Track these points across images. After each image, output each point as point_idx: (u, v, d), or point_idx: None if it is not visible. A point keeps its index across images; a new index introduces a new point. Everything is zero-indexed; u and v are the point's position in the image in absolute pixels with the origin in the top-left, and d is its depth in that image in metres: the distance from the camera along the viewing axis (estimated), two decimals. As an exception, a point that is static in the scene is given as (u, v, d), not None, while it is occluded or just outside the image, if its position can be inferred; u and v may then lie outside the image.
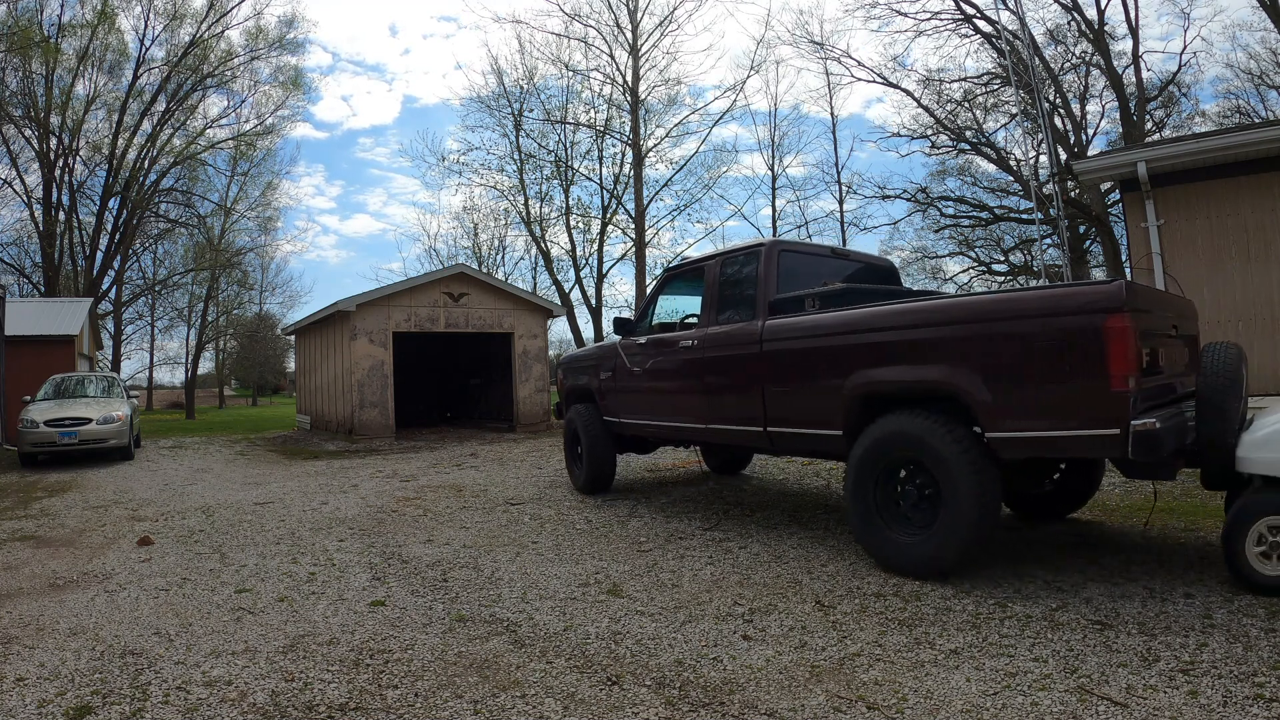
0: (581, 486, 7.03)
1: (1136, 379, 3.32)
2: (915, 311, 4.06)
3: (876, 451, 4.12)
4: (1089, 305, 3.41)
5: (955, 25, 22.78)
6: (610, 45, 26.40)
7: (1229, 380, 3.65)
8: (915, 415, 3.95)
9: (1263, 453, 3.47)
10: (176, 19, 26.76)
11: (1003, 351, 3.66)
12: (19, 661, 3.16)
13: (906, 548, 4.02)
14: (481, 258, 30.85)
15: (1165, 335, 3.86)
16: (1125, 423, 3.28)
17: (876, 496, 4.16)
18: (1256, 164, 7.02)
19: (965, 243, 26.54)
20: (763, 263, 5.12)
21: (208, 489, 8.15)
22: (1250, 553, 3.46)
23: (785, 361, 4.76)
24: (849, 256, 6.00)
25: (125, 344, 34.41)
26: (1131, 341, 3.30)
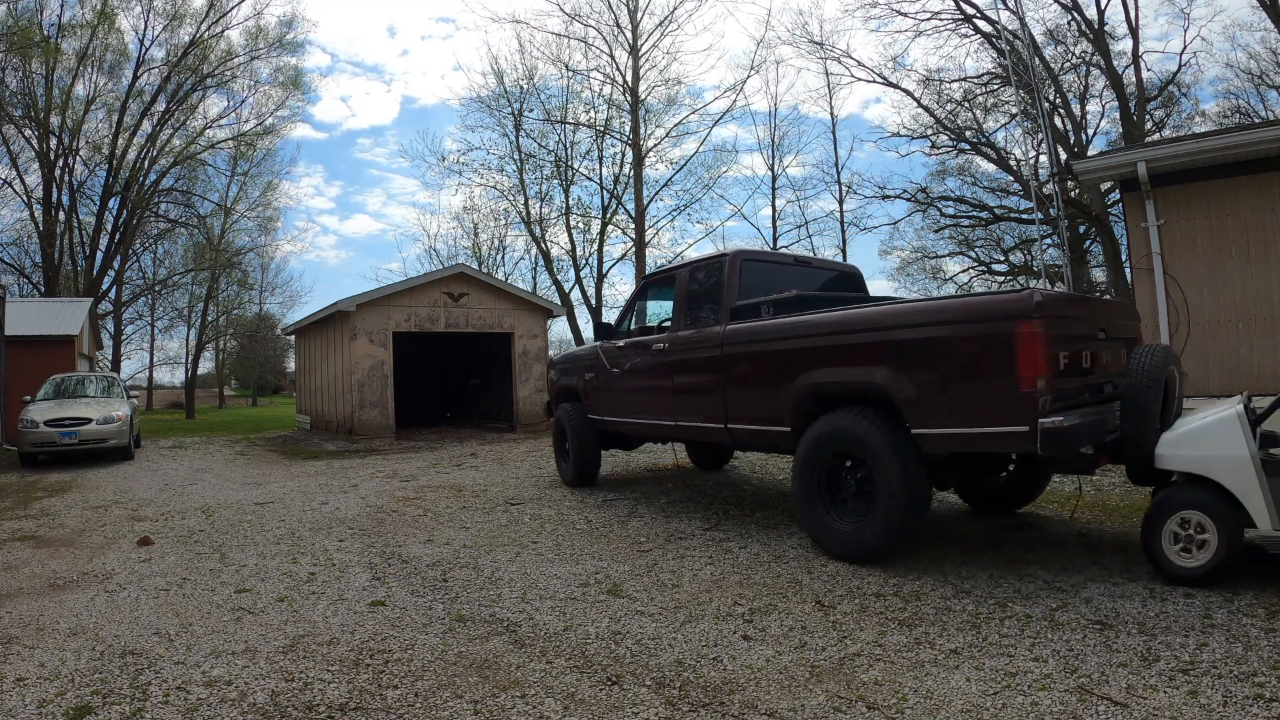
0: (569, 480, 7.46)
1: (1046, 380, 3.56)
2: (851, 318, 4.41)
3: (819, 447, 4.46)
4: (1001, 312, 3.69)
5: (955, 25, 22.77)
6: (610, 45, 26.41)
7: (1152, 381, 3.86)
8: (852, 414, 4.30)
9: (1178, 450, 3.71)
10: (176, 19, 26.76)
11: (927, 355, 3.96)
12: (19, 661, 3.16)
13: (845, 535, 4.36)
14: (481, 258, 30.84)
15: (1092, 339, 4.10)
16: (1034, 421, 3.52)
17: (819, 488, 4.52)
18: (1256, 164, 7.01)
19: (965, 243, 26.54)
20: (726, 271, 5.49)
21: (208, 489, 8.15)
22: (1166, 545, 3.68)
23: (742, 363, 5.13)
24: (812, 264, 6.38)
25: (125, 344, 34.43)
26: (1041, 346, 3.54)
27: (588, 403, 7.12)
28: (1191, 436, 3.71)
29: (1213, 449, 3.62)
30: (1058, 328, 3.68)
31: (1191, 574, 3.61)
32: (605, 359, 6.72)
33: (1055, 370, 3.64)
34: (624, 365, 6.44)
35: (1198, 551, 3.61)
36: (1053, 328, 3.62)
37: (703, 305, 5.69)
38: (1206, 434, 3.66)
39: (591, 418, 7.08)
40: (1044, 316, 3.56)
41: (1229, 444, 3.56)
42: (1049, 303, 3.64)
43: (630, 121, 26.18)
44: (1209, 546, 3.57)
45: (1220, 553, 3.54)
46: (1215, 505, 3.56)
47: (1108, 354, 4.26)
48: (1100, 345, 4.20)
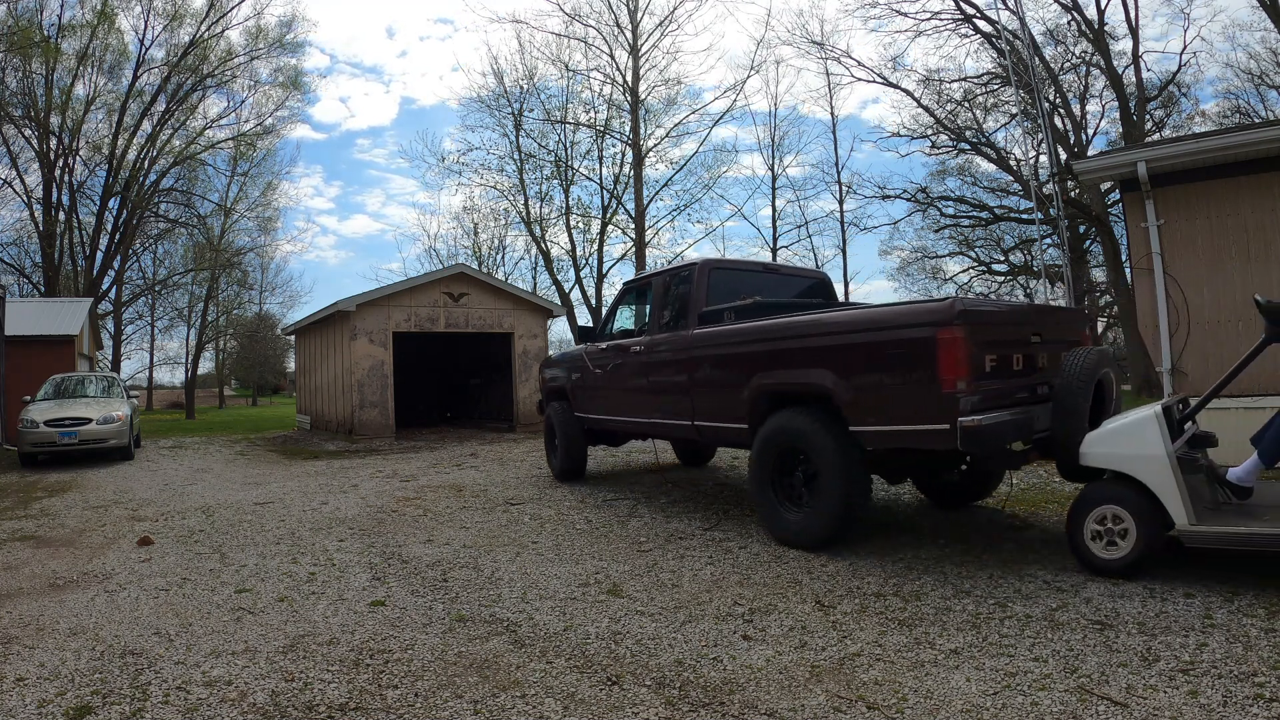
0: (557, 475, 7.90)
1: (967, 382, 3.80)
2: (796, 324, 4.74)
3: (770, 443, 4.82)
4: (925, 320, 3.96)
5: (955, 25, 22.79)
6: (610, 45, 26.43)
7: (1082, 383, 4.07)
8: (798, 412, 4.65)
9: (1100, 448, 3.87)
10: (176, 19, 26.76)
11: (862, 359, 4.26)
12: (19, 661, 3.16)
13: (793, 524, 4.71)
14: (481, 258, 30.84)
15: (1024, 343, 4.34)
16: (954, 419, 3.77)
17: (771, 481, 4.87)
18: (1256, 164, 7.00)
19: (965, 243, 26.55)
20: (695, 279, 5.85)
21: (208, 489, 8.15)
22: (1088, 538, 3.87)
23: (706, 365, 5.49)
24: (780, 271, 6.79)
25: (125, 344, 34.41)
26: (960, 351, 3.80)
27: (574, 401, 7.48)
28: (1113, 435, 3.87)
29: (1132, 447, 3.77)
30: (980, 334, 3.93)
31: (1112, 566, 3.78)
32: (588, 360, 7.08)
33: (978, 373, 3.88)
34: (606, 366, 6.78)
35: (1119, 543, 3.78)
36: (974, 334, 3.86)
37: (675, 310, 6.03)
38: (1126, 433, 3.81)
39: (578, 415, 7.46)
40: (964, 324, 3.81)
41: (1147, 442, 3.71)
42: (969, 311, 3.89)
43: (630, 121, 26.21)
44: (1129, 540, 3.74)
45: (1139, 546, 3.70)
46: (1133, 501, 3.72)
47: (1046, 357, 4.47)
48: (1036, 349, 4.42)
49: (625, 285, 7.36)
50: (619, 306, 7.17)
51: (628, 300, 7.13)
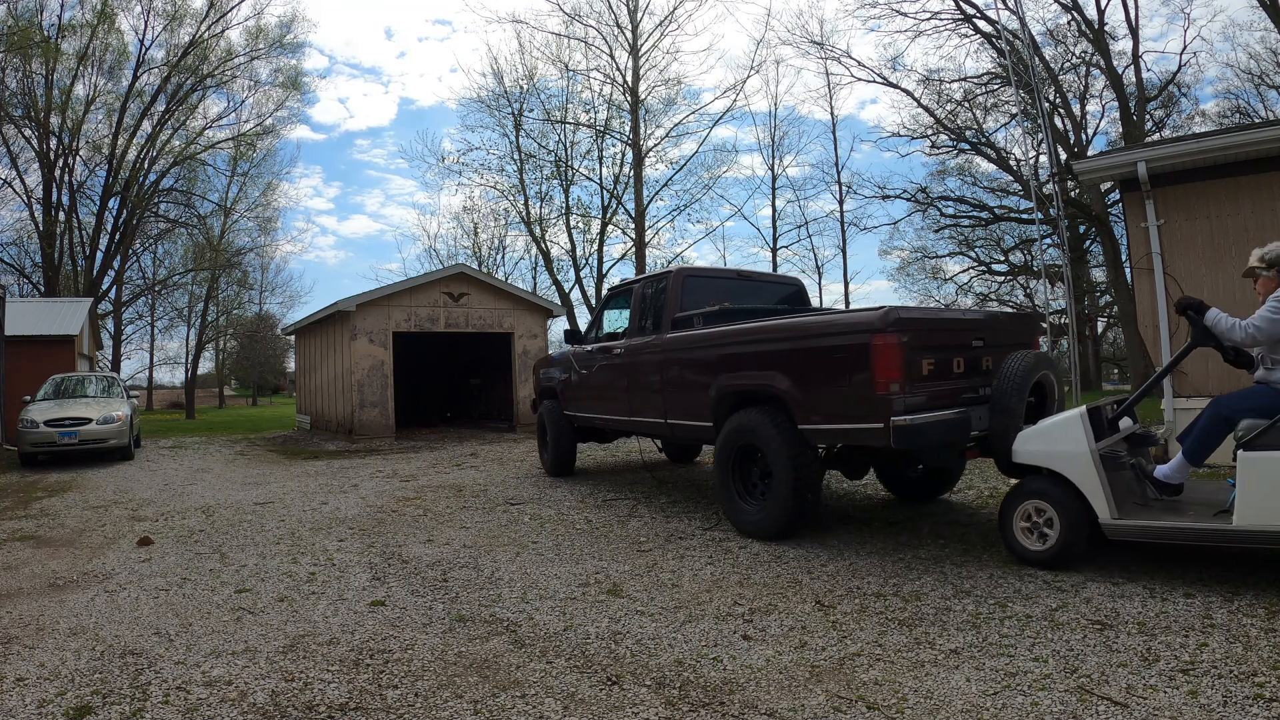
0: (548, 470, 8.30)
1: (900, 384, 4.09)
2: (752, 330, 5.10)
3: (730, 440, 5.14)
4: (861, 327, 4.25)
5: (955, 25, 22.80)
6: (610, 45, 26.42)
7: (1018, 383, 4.32)
8: (755, 412, 4.95)
9: (1029, 445, 4.10)
10: (176, 19, 26.76)
11: (808, 362, 4.58)
12: (19, 661, 3.16)
13: (751, 515, 5.04)
14: (481, 258, 30.85)
15: (964, 348, 4.59)
16: (887, 418, 4.06)
17: (732, 475, 5.21)
18: (1256, 164, 7.00)
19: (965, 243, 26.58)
20: (669, 286, 6.22)
21: (208, 489, 8.15)
22: (1017, 530, 4.12)
23: (677, 367, 5.85)
24: (753, 278, 7.03)
25: (125, 344, 34.40)
26: (893, 355, 4.09)
27: (563, 400, 7.88)
28: (1041, 433, 4.07)
29: (1058, 445, 3.97)
30: (915, 339, 4.20)
31: (1039, 557, 4.01)
32: (575, 362, 7.48)
33: (912, 375, 4.17)
34: (591, 367, 7.16)
35: (1048, 535, 4.00)
36: (908, 339, 4.15)
37: (652, 316, 6.37)
38: (1053, 431, 4.01)
39: (567, 414, 7.85)
40: (897, 330, 4.10)
41: (1072, 440, 3.90)
42: (902, 319, 4.17)
43: (630, 121, 26.20)
44: (1055, 532, 3.96)
45: (1064, 538, 3.92)
46: (1059, 495, 3.93)
47: (990, 360, 4.70)
48: (980, 352, 4.67)
49: (609, 291, 7.74)
50: (604, 311, 7.57)
51: (611, 305, 7.48)
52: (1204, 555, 4.05)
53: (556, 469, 8.10)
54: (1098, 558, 4.16)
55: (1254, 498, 3.40)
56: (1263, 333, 3.80)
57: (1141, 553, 4.20)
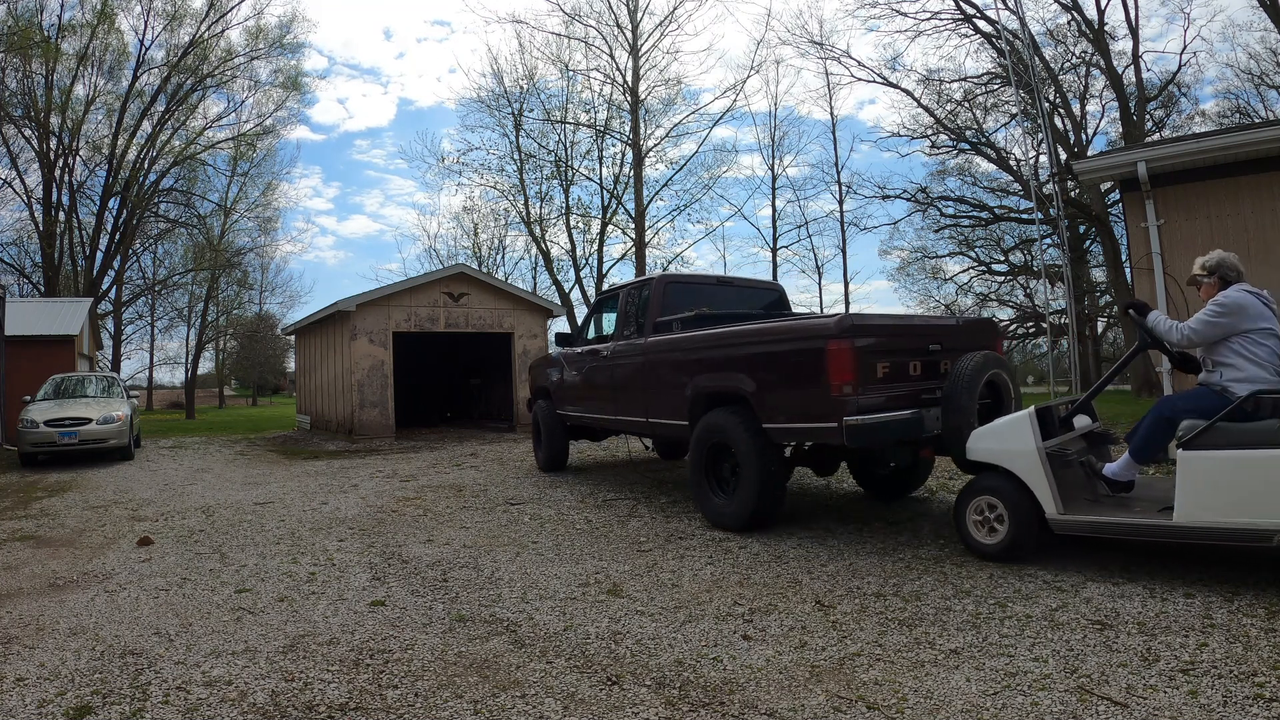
0: (542, 466, 8.65)
1: (853, 387, 4.36)
2: (721, 335, 5.37)
3: (702, 438, 5.42)
4: (817, 333, 4.54)
5: (955, 25, 22.81)
6: (610, 45, 26.42)
7: (969, 384, 4.53)
8: (724, 412, 5.24)
9: (981, 443, 4.28)
10: (176, 19, 26.75)
11: (771, 366, 4.87)
12: (19, 661, 3.16)
13: (720, 508, 5.32)
14: (481, 258, 30.85)
15: (922, 351, 4.85)
16: (840, 418, 4.33)
17: (704, 471, 5.47)
18: (1256, 164, 7.00)
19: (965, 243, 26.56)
20: (652, 292, 6.53)
21: (208, 489, 8.15)
22: (970, 524, 4.31)
23: (657, 369, 6.12)
24: (733, 284, 7.30)
25: (125, 344, 34.37)
26: (846, 360, 4.36)
27: (555, 400, 8.19)
28: (992, 432, 4.26)
29: (1007, 443, 4.15)
30: (869, 345, 4.48)
31: (990, 550, 4.19)
32: (565, 363, 7.83)
33: (865, 378, 4.44)
34: (581, 368, 7.48)
35: (997, 529, 4.18)
36: (861, 345, 4.43)
37: (636, 320, 6.67)
38: (1003, 430, 4.19)
39: (559, 413, 8.16)
40: (850, 337, 4.39)
41: (1020, 439, 4.07)
42: (856, 326, 4.48)
43: (630, 121, 26.20)
44: (1005, 526, 4.14)
45: (1013, 532, 4.09)
46: (1008, 491, 4.10)
47: (949, 364, 4.89)
48: (938, 356, 4.93)
49: (598, 297, 8.23)
50: (593, 315, 7.89)
51: (600, 310, 7.81)
52: (1205, 555, 4.05)
53: (549, 465, 8.48)
54: (1098, 558, 4.16)
55: (1192, 495, 3.55)
56: (1199, 334, 3.93)
57: (1142, 553, 4.20)
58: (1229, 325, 3.83)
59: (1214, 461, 3.52)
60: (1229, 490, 3.47)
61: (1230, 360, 3.83)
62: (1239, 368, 3.78)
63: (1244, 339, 3.80)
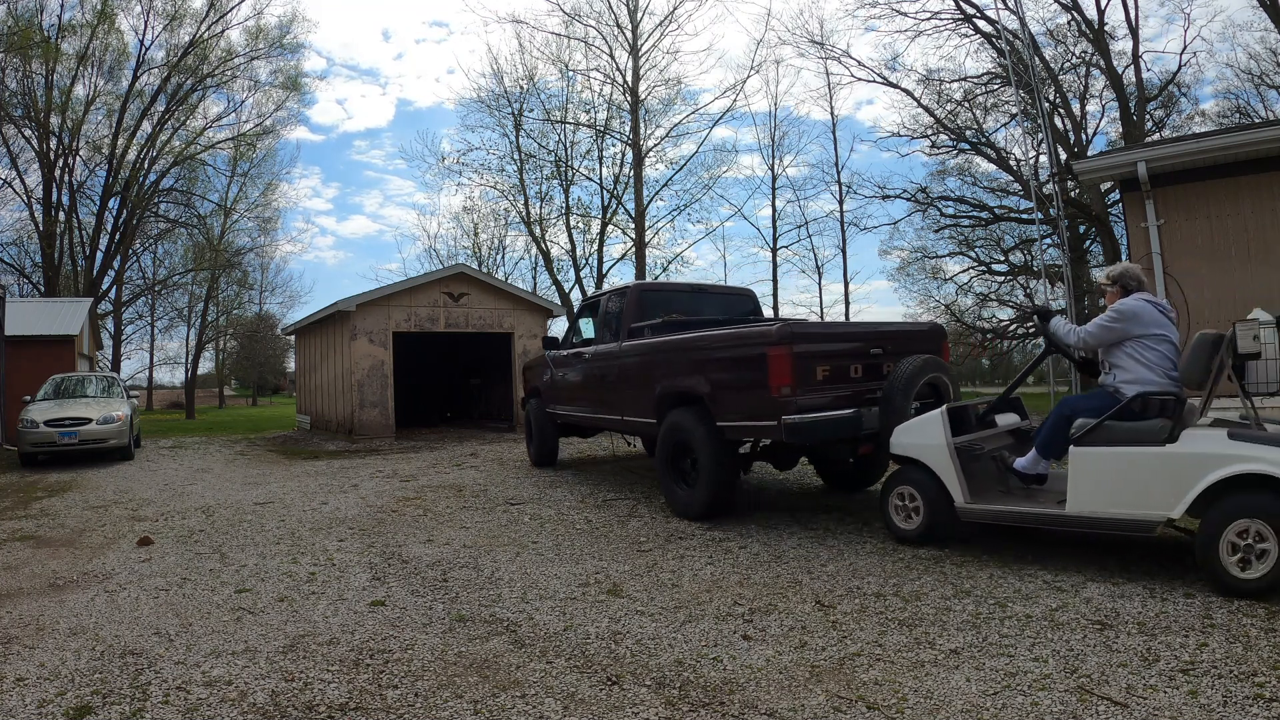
0: (534, 461, 9.14)
1: (791, 389, 4.76)
2: (682, 340, 5.85)
3: (667, 435, 5.83)
4: (759, 340, 4.97)
5: (955, 25, 22.78)
6: (610, 45, 26.38)
7: (903, 385, 4.92)
8: (685, 411, 5.67)
9: (901, 438, 4.68)
10: (176, 19, 26.71)
11: (722, 369, 5.29)
12: (19, 661, 3.16)
13: (684, 499, 5.73)
14: (481, 258, 30.80)
15: (863, 355, 5.25)
16: (779, 417, 4.72)
17: (670, 465, 5.87)
18: (1256, 164, 7.00)
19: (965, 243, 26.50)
20: (628, 299, 6.97)
21: (208, 489, 8.15)
22: (892, 511, 4.72)
23: (630, 371, 6.52)
24: (705, 290, 7.91)
25: (125, 344, 34.33)
26: (785, 364, 4.76)
27: (545, 399, 8.65)
28: (911, 428, 4.63)
29: (922, 438, 4.53)
30: (807, 351, 4.89)
31: (909, 535, 4.62)
32: (553, 365, 8.28)
33: (805, 381, 4.84)
34: (567, 370, 7.93)
35: (914, 517, 4.59)
36: (800, 351, 4.83)
37: (614, 325, 7.07)
38: (920, 426, 4.57)
39: (548, 411, 8.60)
40: (789, 343, 4.80)
41: (932, 434, 4.46)
42: (795, 334, 4.89)
43: (630, 121, 26.17)
44: (920, 514, 4.55)
45: (927, 519, 4.51)
46: (923, 482, 4.51)
47: (891, 367, 5.24)
48: (880, 360, 5.30)
49: (582, 303, 8.76)
50: (577, 320, 8.38)
51: (584, 315, 8.27)
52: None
53: (540, 460, 9.00)
54: (1099, 558, 4.16)
55: (1082, 488, 3.84)
56: (1095, 338, 4.19)
57: (1142, 552, 4.20)
58: (1122, 331, 4.05)
59: (1101, 457, 3.80)
60: (1114, 483, 3.75)
61: (1123, 363, 4.07)
62: (1130, 370, 4.02)
63: (1137, 344, 4.02)
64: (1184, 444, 3.61)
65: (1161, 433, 3.70)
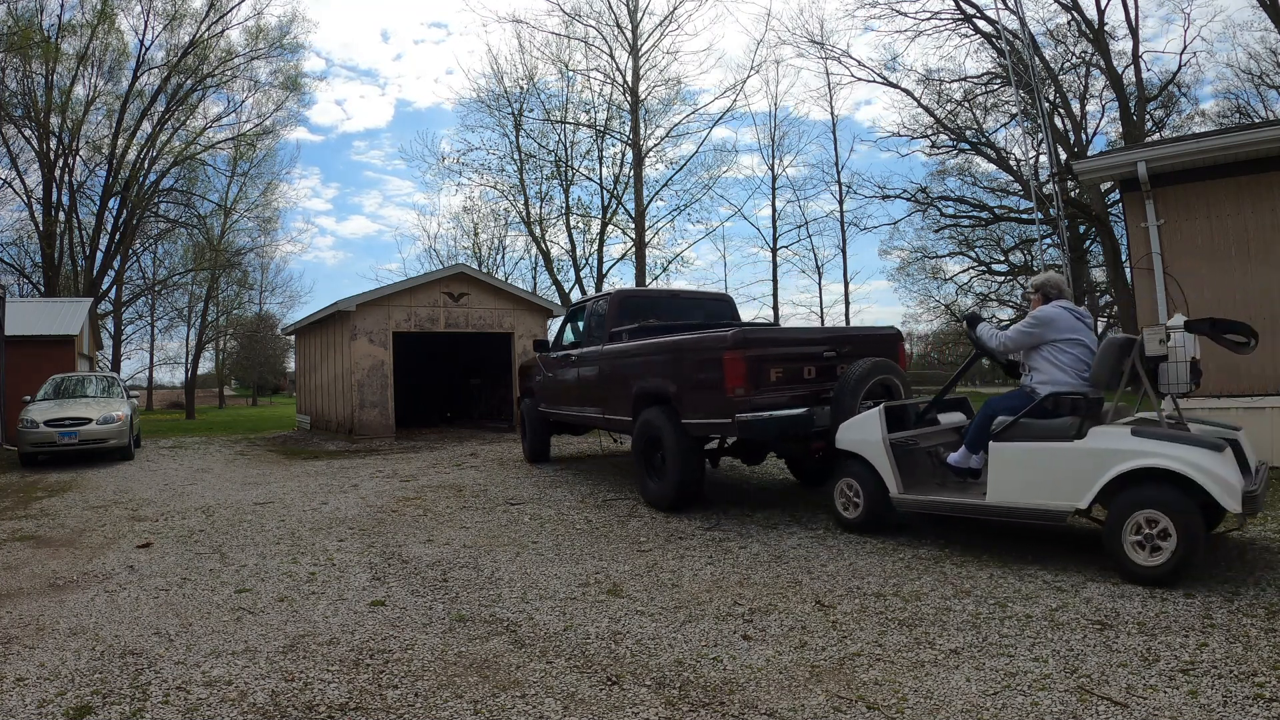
0: (527, 457, 9.61)
1: (744, 389, 5.17)
2: (652, 344, 6.24)
3: (640, 431, 6.23)
4: (716, 344, 5.37)
5: (955, 25, 22.78)
6: (610, 45, 26.38)
7: (852, 386, 5.28)
8: (655, 409, 6.06)
9: (844, 434, 5.05)
10: (176, 19, 26.68)
11: (685, 370, 5.69)
12: (19, 661, 3.16)
13: (655, 490, 6.15)
14: (481, 258, 30.79)
15: (817, 358, 5.64)
16: (733, 415, 5.14)
17: (643, 459, 6.26)
18: (1256, 164, 7.00)
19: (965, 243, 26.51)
20: (609, 305, 7.42)
21: (208, 489, 8.15)
22: (837, 502, 5.14)
23: (610, 372, 6.94)
24: (684, 296, 8.40)
25: (125, 344, 34.31)
26: (739, 367, 5.17)
27: (537, 398, 9.13)
28: (852, 425, 4.99)
29: (861, 434, 4.90)
30: (760, 354, 5.30)
31: (852, 523, 5.03)
32: (543, 366, 8.74)
33: (757, 382, 5.24)
34: (555, 371, 8.36)
35: (856, 505, 5.00)
36: (753, 354, 5.24)
37: (598, 329, 7.49)
38: (859, 423, 4.95)
39: (540, 410, 9.04)
40: (742, 348, 5.21)
41: (870, 430, 4.83)
42: (747, 339, 5.32)
43: (630, 121, 26.17)
44: (861, 503, 4.95)
45: (867, 508, 4.92)
46: (862, 474, 4.92)
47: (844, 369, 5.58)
48: (834, 362, 5.67)
49: (570, 308, 9.18)
50: (566, 324, 8.76)
51: (571, 319, 8.69)
52: (1205, 556, 4.06)
53: (534, 457, 9.45)
54: (1099, 558, 4.16)
55: (1000, 480, 4.17)
56: (1014, 342, 4.52)
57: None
58: (1039, 335, 4.37)
59: (1016, 451, 4.12)
60: (1028, 476, 4.05)
61: (1039, 365, 4.39)
62: (1045, 372, 4.33)
63: (1052, 348, 4.33)
64: (1091, 440, 3.86)
65: (1070, 429, 3.96)
